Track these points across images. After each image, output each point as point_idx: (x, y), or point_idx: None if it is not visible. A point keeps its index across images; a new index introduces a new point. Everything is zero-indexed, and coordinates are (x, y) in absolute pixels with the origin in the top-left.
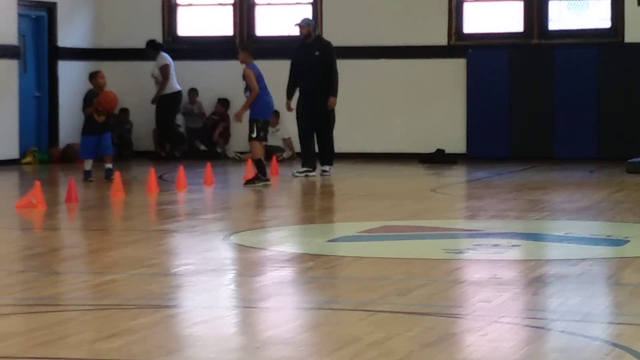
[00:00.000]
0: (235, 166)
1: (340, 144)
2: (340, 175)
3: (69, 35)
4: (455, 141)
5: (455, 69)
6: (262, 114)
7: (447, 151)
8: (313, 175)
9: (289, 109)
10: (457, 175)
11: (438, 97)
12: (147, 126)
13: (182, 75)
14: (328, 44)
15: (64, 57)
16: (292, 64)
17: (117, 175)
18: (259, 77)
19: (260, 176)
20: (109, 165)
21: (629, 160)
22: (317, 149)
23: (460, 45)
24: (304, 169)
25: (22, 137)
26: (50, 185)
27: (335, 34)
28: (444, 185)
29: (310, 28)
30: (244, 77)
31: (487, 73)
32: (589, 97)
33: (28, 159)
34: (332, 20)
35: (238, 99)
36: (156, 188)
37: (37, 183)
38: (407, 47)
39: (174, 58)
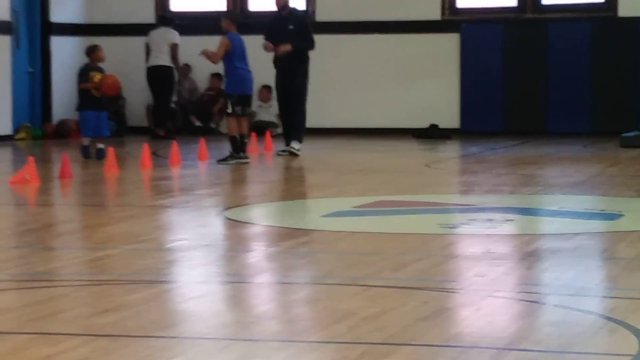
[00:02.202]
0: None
1: (334, 119)
2: (333, 151)
3: (62, 10)
4: (449, 116)
5: (448, 44)
6: (235, 89)
7: (440, 126)
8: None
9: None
10: (451, 150)
11: (432, 72)
12: (140, 102)
13: None
14: (302, 17)
15: (56, 33)
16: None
17: (110, 151)
18: (237, 49)
19: (234, 153)
20: (101, 146)
21: (623, 135)
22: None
23: (454, 20)
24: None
25: (15, 113)
26: (43, 161)
27: (328, 9)
28: (437, 160)
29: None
30: (219, 43)
31: (480, 48)
32: (583, 72)
33: (21, 134)
34: None
35: None
36: (150, 164)
37: (31, 159)
38: (401, 22)
39: None
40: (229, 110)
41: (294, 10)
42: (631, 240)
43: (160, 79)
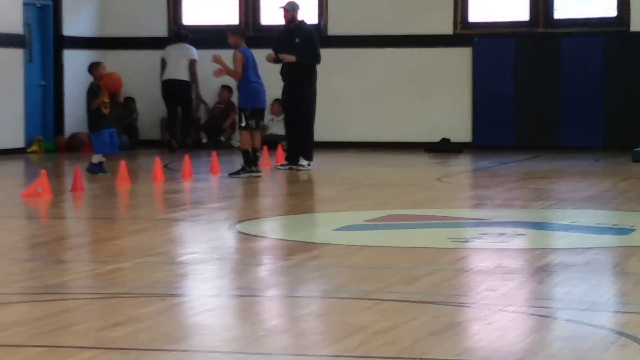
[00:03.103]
0: (241, 155)
1: (346, 133)
2: (346, 164)
3: (74, 24)
4: (461, 130)
5: (460, 58)
6: (249, 102)
7: (452, 140)
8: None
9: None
10: (462, 164)
11: (444, 86)
12: (153, 115)
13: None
14: (309, 30)
15: (69, 46)
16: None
17: (122, 164)
18: (250, 63)
19: (246, 167)
20: (103, 159)
21: (635, 149)
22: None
23: (466, 34)
24: (287, 162)
25: (27, 126)
26: (55, 174)
27: (340, 23)
28: (449, 174)
29: (295, 12)
30: (234, 59)
31: (492, 62)
32: (595, 86)
33: (34, 147)
34: (338, 10)
35: None
36: (162, 177)
37: (43, 172)
38: (413, 36)
39: None
40: (243, 123)
41: (302, 23)
42: None
43: (176, 91)
